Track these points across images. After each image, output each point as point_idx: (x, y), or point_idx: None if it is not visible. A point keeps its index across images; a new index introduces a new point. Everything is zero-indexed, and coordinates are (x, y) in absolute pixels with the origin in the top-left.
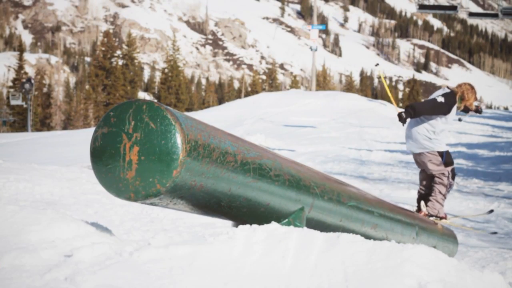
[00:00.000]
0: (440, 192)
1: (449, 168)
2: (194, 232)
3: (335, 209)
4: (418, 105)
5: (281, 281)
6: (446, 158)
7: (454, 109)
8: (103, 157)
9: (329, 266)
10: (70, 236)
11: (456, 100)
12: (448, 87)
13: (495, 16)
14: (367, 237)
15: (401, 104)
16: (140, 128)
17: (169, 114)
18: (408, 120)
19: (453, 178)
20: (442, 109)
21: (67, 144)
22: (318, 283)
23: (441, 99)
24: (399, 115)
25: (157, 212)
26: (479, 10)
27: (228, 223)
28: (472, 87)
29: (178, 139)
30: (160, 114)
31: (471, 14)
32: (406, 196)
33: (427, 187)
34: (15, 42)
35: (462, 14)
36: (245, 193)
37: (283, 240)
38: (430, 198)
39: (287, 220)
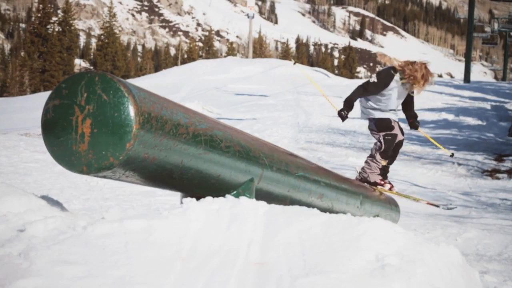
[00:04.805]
0: (372, 157)
1: (382, 134)
2: (147, 204)
3: (284, 179)
4: (350, 97)
5: (239, 255)
6: (378, 124)
7: (394, 83)
8: (55, 130)
9: (286, 239)
10: (21, 210)
11: (393, 74)
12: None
13: None
14: (314, 207)
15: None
16: (92, 100)
17: (122, 86)
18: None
19: (388, 145)
20: (377, 88)
21: (3, 111)
22: (275, 257)
23: (373, 79)
24: (339, 113)
25: (96, 180)
26: None
27: (173, 193)
28: (424, 69)
29: (132, 111)
30: (113, 86)
31: None
32: (344, 164)
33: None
34: None
35: None
36: (197, 165)
37: (240, 213)
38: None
39: (236, 191)
